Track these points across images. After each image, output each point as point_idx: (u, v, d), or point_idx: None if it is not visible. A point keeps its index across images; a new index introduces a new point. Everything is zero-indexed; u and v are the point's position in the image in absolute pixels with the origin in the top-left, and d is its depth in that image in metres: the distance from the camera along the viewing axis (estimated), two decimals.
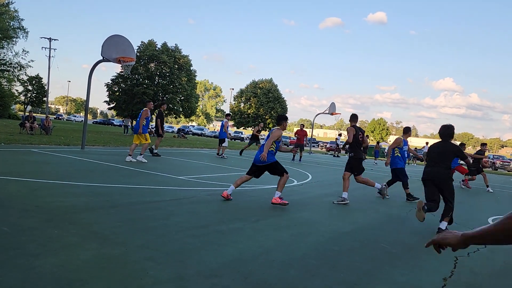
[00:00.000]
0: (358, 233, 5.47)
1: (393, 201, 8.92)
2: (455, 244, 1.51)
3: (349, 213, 6.90)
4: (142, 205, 5.70)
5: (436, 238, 1.57)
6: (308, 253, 4.24)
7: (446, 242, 1.53)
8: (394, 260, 4.40)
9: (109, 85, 37.25)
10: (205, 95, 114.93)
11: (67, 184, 6.78)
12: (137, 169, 9.62)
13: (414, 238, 5.58)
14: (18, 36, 40.61)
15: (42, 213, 4.71)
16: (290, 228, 5.31)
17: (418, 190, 9.73)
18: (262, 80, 55.84)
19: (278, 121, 7.16)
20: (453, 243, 1.51)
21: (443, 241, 1.54)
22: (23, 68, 42.60)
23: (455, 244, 1.51)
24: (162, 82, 37.89)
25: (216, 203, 6.46)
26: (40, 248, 3.51)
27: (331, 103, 31.28)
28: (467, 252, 5.03)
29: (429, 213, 7.66)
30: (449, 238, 1.52)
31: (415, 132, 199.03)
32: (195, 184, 8.21)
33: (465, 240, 1.46)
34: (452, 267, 4.34)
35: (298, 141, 19.54)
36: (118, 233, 4.22)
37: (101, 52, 13.85)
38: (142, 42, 37.67)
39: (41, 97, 52.25)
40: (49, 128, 20.31)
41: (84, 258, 3.37)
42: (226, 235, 4.61)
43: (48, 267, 3.10)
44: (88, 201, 5.63)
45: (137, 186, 7.26)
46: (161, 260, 3.53)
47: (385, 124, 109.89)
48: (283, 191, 6.92)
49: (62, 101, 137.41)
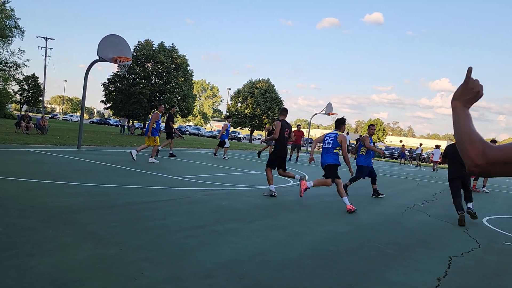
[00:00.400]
0: (354, 234, 5.50)
1: (388, 201, 8.96)
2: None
3: (344, 213, 6.93)
4: (139, 205, 5.71)
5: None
6: (303, 254, 4.26)
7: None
8: (389, 260, 4.43)
9: (105, 84, 37.13)
10: (202, 95, 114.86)
11: (63, 184, 6.77)
12: (134, 169, 9.62)
13: (409, 238, 5.62)
14: (14, 35, 40.42)
15: (38, 213, 4.71)
16: (286, 228, 5.33)
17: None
18: (259, 80, 55.83)
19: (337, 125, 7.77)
20: (457, 95, 1.44)
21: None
22: (19, 68, 42.44)
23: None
24: (159, 82, 37.82)
25: (212, 203, 6.48)
26: (36, 248, 3.52)
27: (328, 104, 31.36)
28: (461, 252, 5.07)
29: (424, 214, 7.71)
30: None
31: (412, 132, 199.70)
32: (192, 184, 8.22)
33: (456, 106, 1.41)
34: (446, 267, 4.37)
35: (295, 141, 19.58)
36: (114, 233, 4.23)
37: (97, 52, 13.81)
38: (139, 42, 37.58)
39: (37, 97, 52.08)
40: (44, 127, 20.24)
41: (80, 259, 3.38)
42: (222, 235, 4.63)
43: (44, 268, 3.10)
44: (84, 201, 5.63)
45: (134, 186, 7.26)
46: (157, 260, 3.55)
47: (381, 125, 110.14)
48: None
49: (59, 101, 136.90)
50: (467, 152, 1.25)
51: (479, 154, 1.22)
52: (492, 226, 7.24)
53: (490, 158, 1.20)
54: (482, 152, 1.22)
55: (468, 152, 1.25)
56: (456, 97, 1.44)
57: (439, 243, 5.51)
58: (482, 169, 1.22)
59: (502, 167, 1.21)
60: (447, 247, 5.33)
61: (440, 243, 5.55)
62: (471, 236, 6.15)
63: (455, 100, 1.44)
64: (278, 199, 7.61)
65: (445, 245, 5.41)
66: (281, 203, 7.26)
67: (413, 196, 10.50)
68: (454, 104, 1.43)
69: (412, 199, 9.76)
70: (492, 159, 1.20)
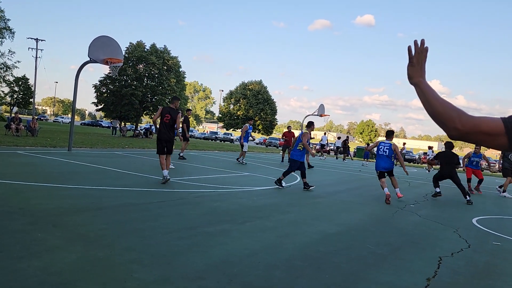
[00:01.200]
0: (344, 234, 5.52)
1: (380, 202, 9.01)
2: (412, 75, 1.53)
3: (335, 214, 6.95)
4: (129, 207, 5.67)
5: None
6: (294, 255, 4.26)
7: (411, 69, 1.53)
8: (379, 261, 4.44)
9: (97, 86, 36.92)
10: (194, 97, 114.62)
11: (53, 186, 6.71)
12: (125, 171, 9.56)
13: (400, 239, 5.64)
14: (4, 37, 40.05)
15: (27, 215, 4.66)
16: (276, 229, 5.33)
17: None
18: (251, 81, 55.90)
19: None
20: (412, 74, 1.53)
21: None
22: (9, 69, 42.08)
23: (412, 75, 1.52)
24: (150, 83, 37.68)
25: (204, 205, 6.46)
26: (24, 251, 3.48)
27: (320, 105, 31.44)
28: (451, 252, 5.11)
29: (415, 214, 7.76)
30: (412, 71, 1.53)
31: (403, 133, 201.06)
32: (184, 186, 8.19)
33: (417, 82, 1.49)
34: (436, 268, 4.40)
35: (286, 142, 19.61)
36: (103, 235, 4.20)
37: (88, 53, 13.73)
38: (131, 43, 37.44)
39: (27, 98, 51.59)
40: (35, 129, 20.04)
41: (69, 261, 3.35)
42: (213, 237, 4.62)
43: (32, 270, 3.07)
44: (74, 203, 5.58)
45: (124, 188, 7.21)
46: (147, 262, 3.53)
47: (373, 126, 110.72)
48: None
49: (49, 102, 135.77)
50: (445, 117, 1.33)
51: (457, 119, 1.30)
52: (482, 226, 7.31)
53: (465, 124, 1.29)
54: (459, 118, 1.30)
55: (446, 117, 1.33)
56: (412, 76, 1.52)
57: (429, 244, 5.55)
58: (461, 133, 1.30)
59: (476, 135, 1.30)
60: (437, 247, 5.36)
61: (430, 243, 5.59)
62: (461, 236, 6.20)
63: (414, 78, 1.51)
64: (270, 201, 7.62)
65: (435, 246, 5.45)
66: (272, 204, 7.27)
67: (405, 196, 10.55)
68: (416, 81, 1.50)
69: (403, 199, 9.81)
70: (468, 125, 1.29)
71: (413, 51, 1.54)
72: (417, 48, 1.53)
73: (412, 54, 1.54)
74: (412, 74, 1.52)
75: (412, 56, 1.53)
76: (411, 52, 1.54)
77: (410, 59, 1.54)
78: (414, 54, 1.53)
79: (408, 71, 1.54)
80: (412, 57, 1.53)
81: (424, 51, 1.53)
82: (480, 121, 1.29)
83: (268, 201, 7.53)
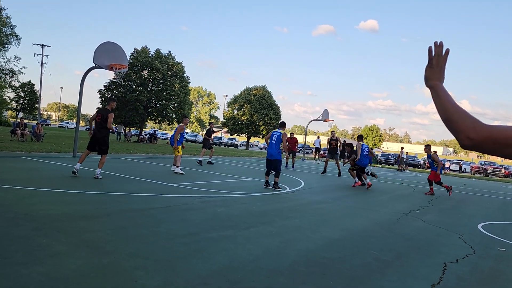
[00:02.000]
0: (348, 240, 5.49)
1: (384, 208, 8.97)
2: (430, 77, 1.46)
3: (339, 220, 6.93)
4: (133, 213, 5.68)
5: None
6: (297, 261, 4.25)
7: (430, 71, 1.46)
8: (383, 267, 4.42)
9: (102, 91, 37.14)
10: (199, 102, 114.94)
11: (57, 192, 6.74)
12: (129, 177, 9.59)
13: (404, 244, 5.62)
14: (10, 43, 40.42)
15: (31, 221, 4.68)
16: (280, 235, 5.32)
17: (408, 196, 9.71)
18: (255, 87, 55.95)
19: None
20: (429, 76, 1.46)
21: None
22: (15, 75, 42.42)
23: (431, 77, 1.46)
24: (155, 89, 37.86)
25: (208, 210, 6.46)
26: (28, 257, 3.50)
27: (324, 110, 31.43)
28: (456, 258, 5.08)
29: (419, 220, 7.72)
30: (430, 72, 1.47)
31: (408, 138, 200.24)
32: (188, 192, 8.20)
33: (434, 85, 1.43)
34: (441, 274, 4.37)
35: (289, 148, 19.52)
36: (108, 241, 4.21)
37: (93, 59, 13.83)
38: (135, 49, 37.68)
39: (33, 104, 51.98)
40: (40, 135, 20.17)
41: (73, 267, 3.36)
42: (216, 242, 4.61)
43: (36, 276, 3.08)
44: (79, 209, 5.60)
45: (129, 194, 7.23)
46: (151, 268, 3.53)
47: (378, 131, 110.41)
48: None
49: (55, 108, 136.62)
50: (459, 126, 1.26)
51: (472, 128, 1.24)
52: (487, 232, 7.26)
53: (480, 133, 1.23)
54: (474, 127, 1.24)
55: (460, 126, 1.26)
56: (430, 78, 1.45)
57: (434, 250, 5.52)
58: (475, 143, 1.24)
59: (491, 145, 1.23)
60: (442, 253, 5.33)
61: (435, 249, 5.55)
62: (466, 242, 6.16)
63: (430, 81, 1.44)
64: (274, 206, 7.61)
65: (440, 252, 5.41)
66: (276, 210, 7.26)
67: (409, 202, 10.51)
68: (432, 84, 1.43)
69: (407, 205, 9.77)
70: (482, 135, 1.22)
71: (433, 52, 1.46)
72: (437, 49, 1.45)
73: (432, 55, 1.46)
74: (429, 76, 1.45)
75: (432, 57, 1.46)
76: (431, 53, 1.46)
77: (430, 61, 1.46)
78: (434, 55, 1.46)
79: (426, 72, 1.47)
80: (432, 58, 1.46)
81: (445, 54, 1.46)
82: (495, 130, 1.22)
83: (271, 207, 7.52)
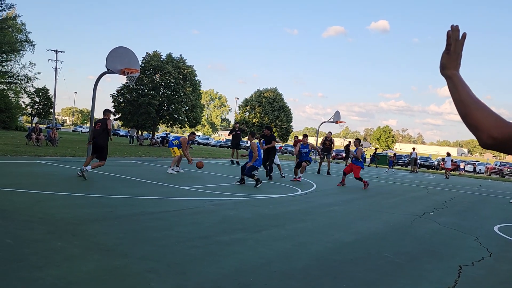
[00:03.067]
0: (361, 243, 5.45)
1: (397, 210, 8.88)
2: (447, 64, 1.35)
3: (351, 222, 6.87)
4: (145, 216, 5.72)
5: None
6: (309, 264, 4.23)
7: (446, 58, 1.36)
8: (397, 270, 4.37)
9: (114, 96, 37.52)
10: (210, 105, 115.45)
11: (71, 195, 6.83)
12: (141, 180, 9.67)
13: (418, 247, 5.54)
14: (25, 49, 41.18)
15: (46, 224, 4.75)
16: (292, 238, 5.30)
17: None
18: (266, 89, 56.00)
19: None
20: (446, 64, 1.36)
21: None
22: (30, 80, 43.17)
23: (447, 65, 1.35)
24: (167, 92, 38.11)
25: (219, 213, 6.47)
26: (43, 260, 3.54)
27: (336, 112, 31.26)
28: (472, 261, 4.99)
29: (434, 222, 7.61)
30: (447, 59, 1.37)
31: (421, 139, 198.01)
32: (200, 195, 8.23)
33: (451, 75, 1.33)
34: (456, 277, 4.30)
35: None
36: (120, 244, 4.24)
37: (105, 64, 13.98)
38: (147, 53, 38.01)
39: (47, 109, 52.76)
40: (55, 139, 20.47)
41: (86, 270, 3.40)
42: (228, 245, 4.62)
43: (50, 279, 3.12)
44: (92, 212, 5.67)
45: (141, 197, 7.29)
46: (163, 271, 3.55)
47: (390, 132, 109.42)
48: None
49: (69, 112, 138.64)
50: (480, 123, 1.16)
51: (494, 126, 1.14)
52: (503, 234, 7.12)
53: (503, 132, 1.12)
54: (496, 124, 1.14)
55: (481, 123, 1.16)
56: (447, 65, 1.35)
57: (449, 252, 5.43)
58: (497, 142, 1.14)
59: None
60: (457, 256, 5.25)
61: (450, 252, 5.47)
62: (482, 244, 6.06)
63: (447, 69, 1.35)
64: (285, 209, 7.59)
65: (455, 254, 5.33)
66: (288, 212, 7.23)
67: (423, 204, 10.38)
68: (449, 73, 1.33)
69: (421, 207, 9.65)
70: (506, 133, 1.12)
71: (451, 36, 1.35)
72: (455, 33, 1.35)
73: (450, 40, 1.35)
74: (446, 64, 1.35)
75: (450, 42, 1.35)
76: (450, 37, 1.35)
77: (448, 46, 1.35)
78: (452, 40, 1.35)
79: (443, 59, 1.36)
80: (450, 44, 1.35)
81: (462, 38, 1.35)
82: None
83: (283, 209, 7.50)
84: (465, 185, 19.52)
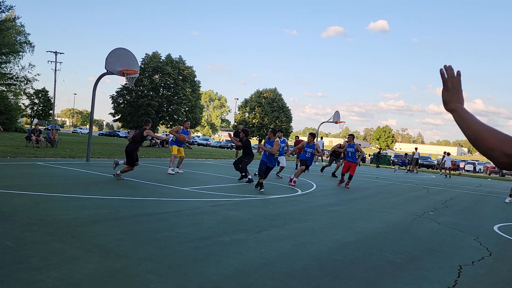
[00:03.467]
0: (362, 243, 5.44)
1: (397, 209, 8.88)
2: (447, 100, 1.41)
3: (352, 222, 6.87)
4: (146, 217, 5.72)
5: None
6: (310, 264, 4.23)
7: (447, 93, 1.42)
8: (397, 270, 4.37)
9: (114, 97, 37.55)
10: (210, 106, 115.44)
11: (71, 197, 6.82)
12: (141, 181, 9.66)
13: (418, 247, 5.54)
14: (24, 51, 41.14)
15: (46, 226, 4.74)
16: (292, 238, 5.30)
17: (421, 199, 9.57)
18: (266, 89, 56.02)
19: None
20: (448, 100, 1.42)
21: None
22: (30, 82, 43.08)
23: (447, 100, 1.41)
24: (166, 93, 38.15)
25: (219, 214, 6.47)
26: (43, 262, 3.54)
27: (335, 112, 31.29)
28: (472, 261, 4.99)
29: (434, 222, 7.61)
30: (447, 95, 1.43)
31: (421, 139, 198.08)
32: (200, 195, 8.23)
33: (455, 108, 1.38)
34: (456, 276, 4.30)
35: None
36: (120, 245, 4.24)
37: (105, 65, 13.99)
38: (147, 54, 38.05)
39: (47, 110, 52.73)
40: (54, 140, 20.46)
41: (86, 272, 3.39)
42: (228, 246, 4.61)
43: (50, 281, 3.12)
44: (92, 213, 5.66)
45: (141, 198, 7.29)
46: (163, 272, 3.54)
47: (390, 132, 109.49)
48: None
49: (68, 114, 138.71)
50: (492, 143, 1.21)
51: (505, 143, 1.18)
52: (503, 233, 7.13)
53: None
54: (508, 141, 1.18)
55: (492, 143, 1.21)
56: (449, 101, 1.41)
57: (449, 252, 5.43)
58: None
59: None
60: (457, 255, 5.25)
61: (450, 251, 5.47)
62: (482, 244, 6.06)
63: (450, 104, 1.41)
64: (286, 209, 7.59)
65: (455, 254, 5.33)
66: (289, 212, 7.23)
67: (423, 203, 10.38)
68: (453, 107, 1.39)
69: (421, 207, 9.65)
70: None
71: (446, 74, 1.43)
72: (449, 71, 1.43)
73: (445, 77, 1.43)
74: (448, 99, 1.41)
75: (445, 80, 1.43)
76: (444, 75, 1.43)
77: (444, 83, 1.43)
78: (448, 78, 1.42)
79: (444, 96, 1.43)
80: (446, 81, 1.43)
81: (457, 75, 1.43)
82: None
83: (283, 210, 7.50)
84: (465, 185, 19.53)
